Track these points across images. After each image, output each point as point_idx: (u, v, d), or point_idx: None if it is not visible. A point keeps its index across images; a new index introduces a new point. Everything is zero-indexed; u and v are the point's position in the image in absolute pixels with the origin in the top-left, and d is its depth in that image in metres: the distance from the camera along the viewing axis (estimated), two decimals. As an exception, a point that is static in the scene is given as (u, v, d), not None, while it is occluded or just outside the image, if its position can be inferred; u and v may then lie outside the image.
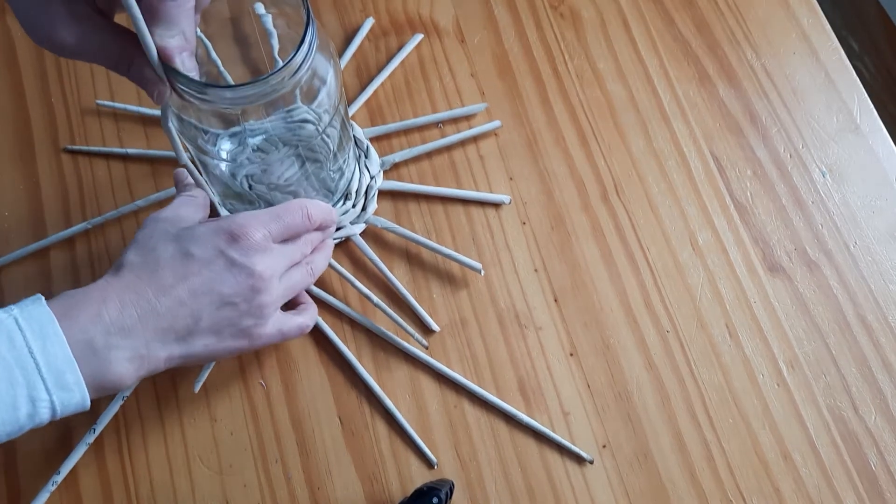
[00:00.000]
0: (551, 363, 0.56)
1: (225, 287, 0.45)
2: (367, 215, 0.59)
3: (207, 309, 0.45)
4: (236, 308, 0.46)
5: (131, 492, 0.53)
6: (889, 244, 0.59)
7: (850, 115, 0.63)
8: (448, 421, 0.54)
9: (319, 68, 0.48)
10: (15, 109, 0.63)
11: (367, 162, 0.60)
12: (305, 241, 0.50)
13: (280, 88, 0.45)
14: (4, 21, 0.66)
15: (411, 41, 0.65)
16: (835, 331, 0.56)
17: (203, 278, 0.45)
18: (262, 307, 0.47)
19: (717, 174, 0.61)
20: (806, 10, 0.66)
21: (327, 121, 0.52)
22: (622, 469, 0.53)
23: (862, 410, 0.54)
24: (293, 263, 0.49)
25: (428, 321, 0.56)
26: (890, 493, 0.52)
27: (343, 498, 0.53)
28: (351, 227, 0.59)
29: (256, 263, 0.46)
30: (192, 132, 0.49)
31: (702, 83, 0.64)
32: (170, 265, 0.44)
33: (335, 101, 0.51)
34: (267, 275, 0.46)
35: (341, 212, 0.58)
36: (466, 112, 0.63)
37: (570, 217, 0.60)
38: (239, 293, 0.45)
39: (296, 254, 0.49)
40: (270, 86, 0.44)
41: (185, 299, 0.44)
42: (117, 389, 0.43)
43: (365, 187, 0.60)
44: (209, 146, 0.52)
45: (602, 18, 0.66)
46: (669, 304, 0.57)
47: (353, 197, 0.59)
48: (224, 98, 0.44)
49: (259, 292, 0.46)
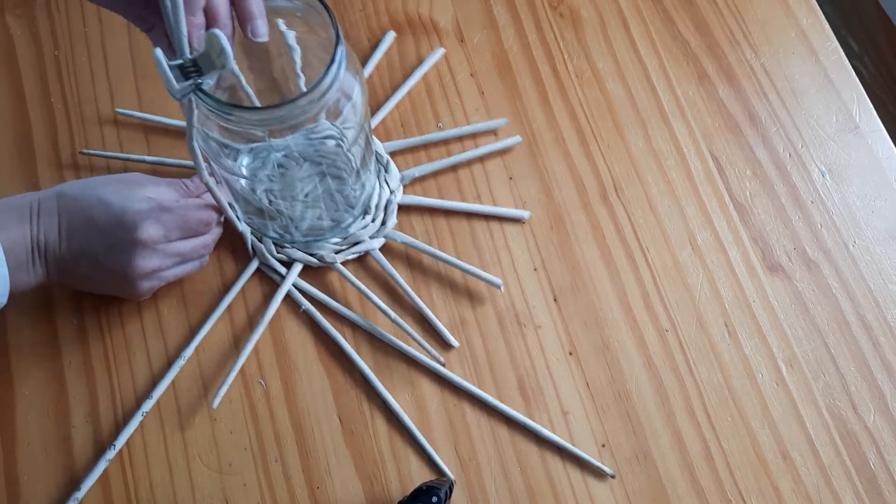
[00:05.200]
0: (551, 362, 0.56)
1: (104, 261, 0.51)
2: (386, 230, 0.58)
3: (85, 265, 0.51)
4: (108, 275, 0.52)
5: (131, 491, 0.53)
6: (888, 244, 0.59)
7: (850, 115, 0.63)
8: (448, 420, 0.54)
9: (346, 85, 0.46)
10: (15, 110, 0.63)
11: (388, 176, 0.59)
12: (194, 246, 0.54)
13: (308, 111, 0.43)
14: (4, 21, 0.66)
15: (433, 55, 0.64)
16: (834, 330, 0.56)
17: (92, 243, 0.51)
18: (130, 280, 0.52)
19: (716, 174, 0.61)
20: (805, 10, 0.67)
21: (352, 138, 0.51)
22: (621, 468, 0.53)
23: (861, 410, 0.54)
24: (174, 264, 0.54)
25: (447, 337, 0.56)
26: (889, 492, 0.52)
27: (343, 497, 0.53)
28: (370, 242, 0.58)
29: (134, 258, 0.51)
30: (213, 147, 0.48)
31: (701, 83, 0.64)
32: (81, 215, 0.50)
33: (360, 118, 0.49)
34: (138, 272, 0.52)
35: (360, 226, 0.58)
36: (487, 127, 0.62)
37: (570, 216, 0.60)
38: (114, 271, 0.52)
39: (178, 257, 0.54)
40: (299, 108, 0.43)
41: (76, 252, 0.51)
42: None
43: (385, 202, 0.59)
44: (229, 161, 0.51)
45: (601, 18, 0.66)
46: (669, 303, 0.57)
47: (372, 211, 0.58)
48: (250, 120, 0.43)
49: (130, 280, 0.52)
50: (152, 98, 0.63)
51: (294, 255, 0.57)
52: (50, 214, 0.50)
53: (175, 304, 0.57)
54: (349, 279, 0.57)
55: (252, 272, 0.58)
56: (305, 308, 0.57)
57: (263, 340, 0.56)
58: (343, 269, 0.57)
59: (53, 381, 0.55)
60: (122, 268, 0.51)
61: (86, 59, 0.65)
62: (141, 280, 0.52)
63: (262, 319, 0.56)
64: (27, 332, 0.56)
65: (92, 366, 0.56)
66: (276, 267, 0.57)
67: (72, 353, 0.56)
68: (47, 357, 0.56)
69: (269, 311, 0.56)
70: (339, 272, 0.57)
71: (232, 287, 0.57)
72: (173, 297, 0.57)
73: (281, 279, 0.57)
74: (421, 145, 0.62)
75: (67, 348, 0.56)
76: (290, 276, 0.57)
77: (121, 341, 0.56)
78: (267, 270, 0.58)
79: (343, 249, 0.58)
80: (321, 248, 0.57)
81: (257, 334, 0.55)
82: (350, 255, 0.58)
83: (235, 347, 0.56)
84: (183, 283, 0.58)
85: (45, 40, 0.65)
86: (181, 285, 0.58)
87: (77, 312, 0.57)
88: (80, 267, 0.51)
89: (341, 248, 0.58)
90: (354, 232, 0.58)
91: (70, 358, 0.56)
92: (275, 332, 0.57)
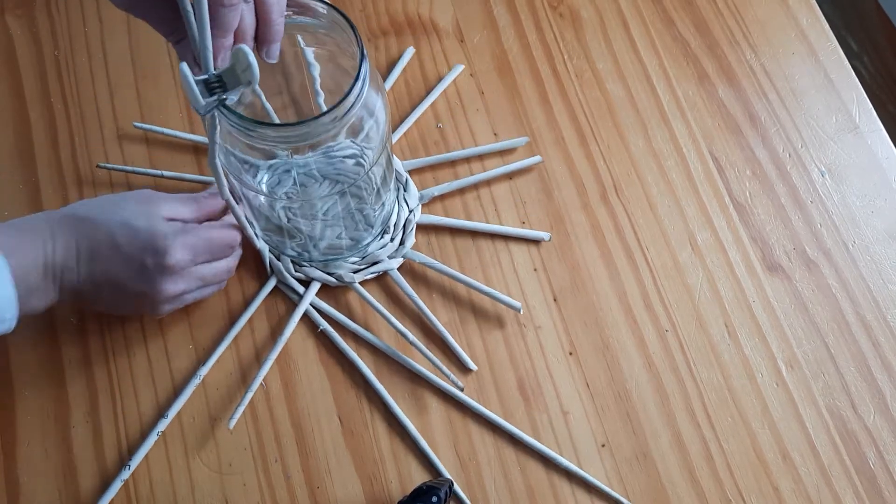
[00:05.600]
0: (551, 363, 0.56)
1: (130, 286, 0.50)
2: (405, 249, 0.58)
3: (108, 290, 0.51)
4: (130, 299, 0.52)
5: (131, 491, 0.53)
6: (888, 244, 0.59)
7: (849, 115, 0.63)
8: (448, 420, 0.54)
9: (369, 102, 0.45)
10: (15, 110, 0.63)
11: (406, 195, 0.59)
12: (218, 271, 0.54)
13: (332, 128, 0.43)
14: (4, 21, 0.66)
15: (452, 71, 0.64)
16: (833, 330, 0.56)
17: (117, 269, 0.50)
18: (154, 304, 0.52)
19: (716, 174, 0.61)
20: (805, 10, 0.67)
21: (373, 157, 0.50)
22: (621, 468, 0.53)
23: (861, 409, 0.54)
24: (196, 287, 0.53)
25: (466, 361, 0.55)
26: (889, 492, 0.52)
27: (342, 497, 0.53)
28: (388, 262, 0.57)
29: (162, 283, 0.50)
30: (234, 164, 0.48)
31: (701, 83, 0.64)
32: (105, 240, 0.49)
33: (383, 136, 0.48)
34: (165, 296, 0.51)
35: (379, 245, 0.57)
36: (507, 146, 0.61)
37: (570, 217, 0.60)
38: (139, 295, 0.51)
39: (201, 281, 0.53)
40: (322, 125, 0.42)
41: (98, 278, 0.50)
42: None
43: (403, 221, 0.58)
44: (249, 177, 0.50)
45: (601, 18, 0.66)
46: (668, 303, 0.57)
47: (391, 231, 0.58)
48: (272, 137, 0.43)
49: (153, 304, 0.52)
50: (152, 99, 0.63)
51: (312, 273, 0.57)
52: (67, 238, 0.49)
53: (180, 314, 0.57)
54: (368, 300, 0.56)
55: (269, 291, 0.57)
56: (323, 328, 0.56)
57: (263, 340, 0.56)
58: (361, 290, 0.57)
59: (53, 381, 0.55)
60: (148, 292, 0.50)
61: (86, 59, 0.65)
62: (164, 304, 0.52)
63: (280, 339, 0.55)
64: (27, 332, 0.56)
65: (92, 366, 0.56)
66: (294, 286, 0.57)
67: (72, 353, 0.56)
68: (47, 357, 0.56)
69: (287, 329, 0.56)
70: (357, 292, 0.57)
71: (250, 305, 0.57)
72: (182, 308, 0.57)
73: (298, 298, 0.57)
74: (440, 164, 0.61)
75: (67, 348, 0.56)
76: (307, 294, 0.56)
77: (121, 341, 0.56)
78: (284, 289, 0.57)
79: (361, 269, 0.57)
80: (339, 267, 0.57)
81: (275, 353, 0.55)
82: (368, 275, 0.57)
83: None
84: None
85: (45, 40, 0.65)
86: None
87: (77, 312, 0.57)
88: (102, 291, 0.50)
89: (360, 268, 0.57)
90: (373, 252, 0.57)
91: (70, 358, 0.56)
92: (275, 332, 0.57)
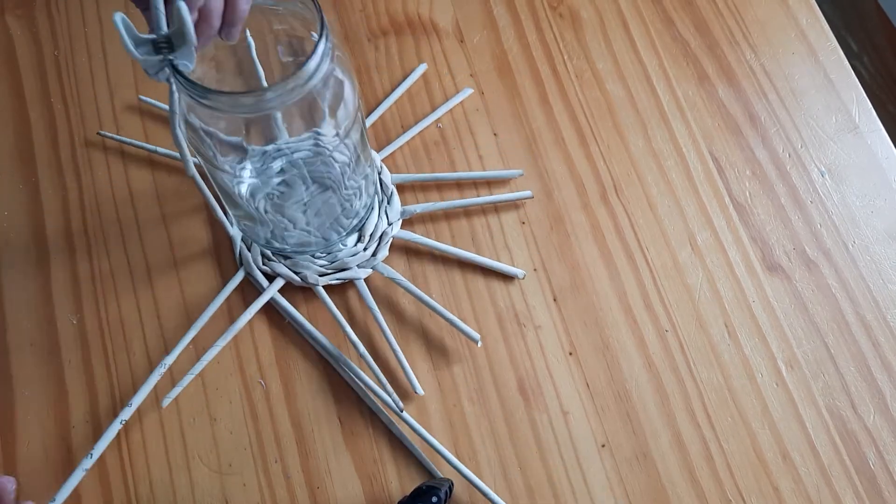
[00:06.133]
0: (550, 363, 0.56)
1: None
2: (376, 261, 0.57)
3: None
4: None
5: (131, 491, 0.53)
6: (887, 244, 0.59)
7: (849, 115, 0.63)
8: (448, 420, 0.54)
9: (332, 83, 0.45)
10: (15, 110, 0.63)
11: (388, 208, 0.59)
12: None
13: (285, 99, 0.43)
14: (4, 21, 0.66)
15: (460, 94, 0.63)
16: (833, 330, 0.56)
17: None
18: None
19: (716, 174, 0.61)
20: (805, 10, 0.67)
21: (343, 134, 0.49)
22: (621, 468, 0.53)
23: (861, 410, 0.54)
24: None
25: (414, 384, 0.54)
26: (889, 492, 0.52)
27: (342, 497, 0.53)
28: (356, 271, 0.57)
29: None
30: (201, 145, 0.47)
31: (701, 83, 0.64)
32: None
33: (352, 116, 0.48)
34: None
35: (350, 252, 0.57)
36: (500, 176, 0.61)
37: (570, 217, 0.60)
38: None
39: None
40: (275, 95, 0.42)
41: None
42: None
43: (380, 232, 0.58)
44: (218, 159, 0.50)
45: (601, 19, 0.66)
46: (668, 303, 0.57)
47: (365, 239, 0.58)
48: (223, 104, 0.43)
49: None
50: (152, 99, 0.63)
51: (279, 269, 0.57)
52: None
53: (175, 305, 0.57)
54: (327, 304, 0.56)
55: (239, 282, 0.57)
56: (289, 321, 0.56)
57: (263, 341, 0.57)
58: (323, 293, 0.56)
59: (53, 381, 0.55)
60: None
61: (86, 59, 0.65)
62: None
63: (233, 327, 0.55)
64: (27, 332, 0.56)
65: (92, 366, 0.56)
66: (260, 279, 0.57)
67: (72, 353, 0.56)
68: (47, 357, 0.56)
69: (241, 318, 0.56)
70: (318, 294, 0.57)
71: (220, 293, 0.57)
72: (172, 299, 0.57)
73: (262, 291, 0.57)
74: (430, 182, 0.61)
75: (67, 348, 0.56)
76: (270, 289, 0.57)
77: (121, 341, 0.56)
78: (252, 280, 0.58)
79: (328, 273, 0.57)
80: (307, 267, 0.57)
81: (223, 342, 0.55)
82: (334, 281, 0.57)
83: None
84: (183, 284, 0.58)
85: (45, 40, 0.65)
86: (181, 287, 0.58)
87: (77, 312, 0.57)
88: None
89: (326, 272, 0.57)
90: (343, 258, 0.57)
91: (70, 358, 0.56)
92: (274, 332, 0.57)
